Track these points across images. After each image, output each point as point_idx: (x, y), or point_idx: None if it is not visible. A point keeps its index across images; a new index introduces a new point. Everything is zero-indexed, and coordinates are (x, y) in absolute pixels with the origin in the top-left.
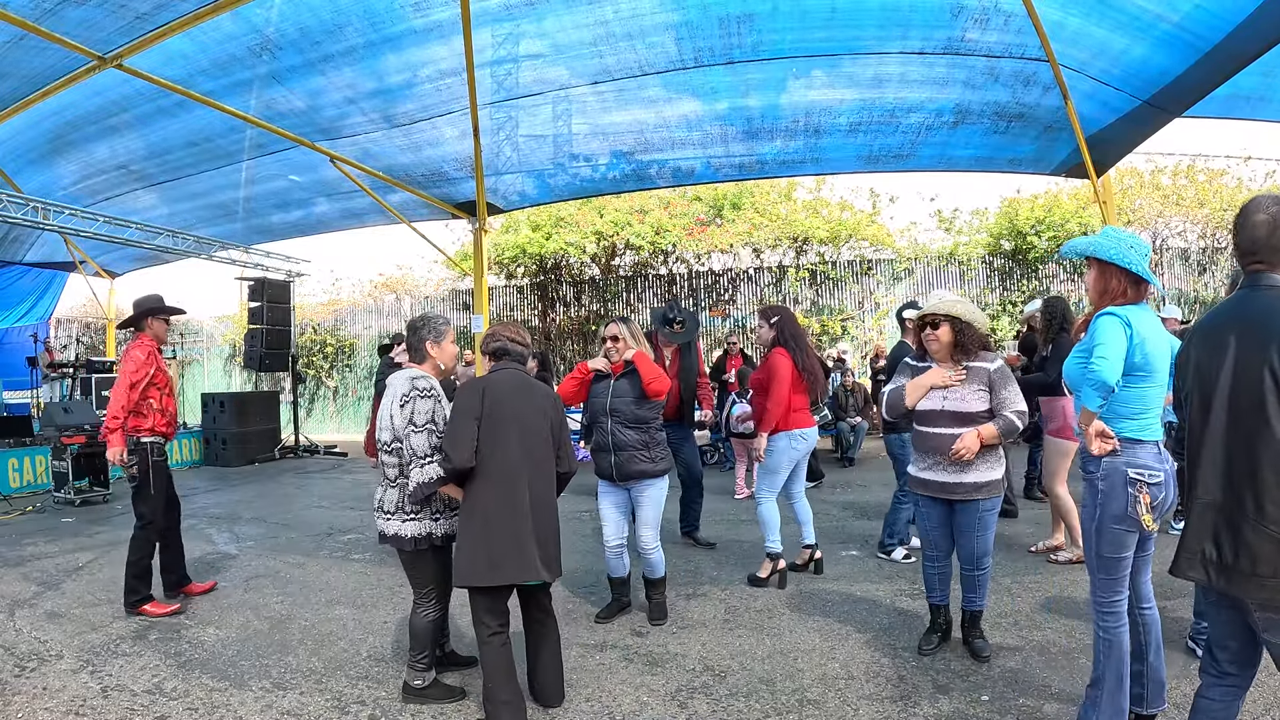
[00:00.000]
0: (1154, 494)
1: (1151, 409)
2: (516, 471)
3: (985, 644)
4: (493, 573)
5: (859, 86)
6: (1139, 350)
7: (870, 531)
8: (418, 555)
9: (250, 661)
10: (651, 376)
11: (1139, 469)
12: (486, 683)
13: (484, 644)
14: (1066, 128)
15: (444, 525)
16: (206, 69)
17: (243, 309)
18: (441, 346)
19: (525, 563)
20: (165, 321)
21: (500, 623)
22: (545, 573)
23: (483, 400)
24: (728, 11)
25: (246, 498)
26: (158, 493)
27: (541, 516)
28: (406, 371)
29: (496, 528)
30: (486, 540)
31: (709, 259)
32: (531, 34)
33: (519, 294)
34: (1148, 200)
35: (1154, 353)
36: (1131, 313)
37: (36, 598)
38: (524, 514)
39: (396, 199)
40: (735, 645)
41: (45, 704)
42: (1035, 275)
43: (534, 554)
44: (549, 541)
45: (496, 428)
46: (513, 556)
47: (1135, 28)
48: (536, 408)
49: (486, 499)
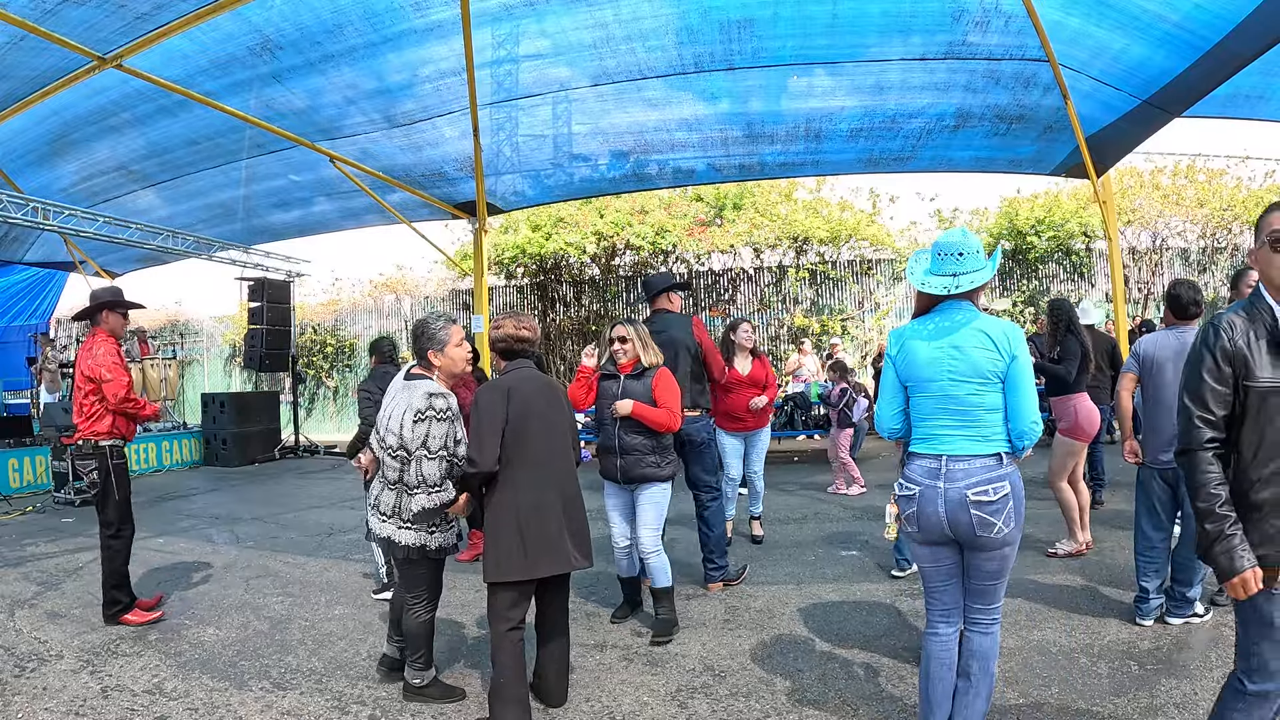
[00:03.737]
0: (902, 506)
1: (926, 420)
2: (545, 468)
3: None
4: (530, 567)
5: (860, 94)
6: (901, 368)
7: (870, 532)
8: (411, 560)
9: (250, 661)
10: (657, 423)
11: (901, 479)
12: (497, 678)
13: (501, 638)
14: (1066, 128)
15: (439, 539)
16: (206, 69)
17: (243, 309)
18: (445, 353)
19: (561, 555)
20: (123, 316)
21: (520, 618)
22: (582, 560)
23: (508, 403)
24: (728, 17)
25: (246, 498)
26: (123, 498)
27: (572, 510)
28: (426, 385)
29: (532, 524)
30: (521, 536)
31: (709, 259)
32: (532, 34)
33: (519, 294)
34: (1148, 200)
35: (911, 365)
36: (894, 335)
37: (36, 598)
38: (556, 509)
39: (396, 199)
40: (735, 645)
41: (45, 704)
42: (1035, 275)
43: (568, 545)
44: (580, 533)
45: (524, 428)
46: (548, 550)
47: (1135, 28)
48: (558, 404)
49: (518, 497)
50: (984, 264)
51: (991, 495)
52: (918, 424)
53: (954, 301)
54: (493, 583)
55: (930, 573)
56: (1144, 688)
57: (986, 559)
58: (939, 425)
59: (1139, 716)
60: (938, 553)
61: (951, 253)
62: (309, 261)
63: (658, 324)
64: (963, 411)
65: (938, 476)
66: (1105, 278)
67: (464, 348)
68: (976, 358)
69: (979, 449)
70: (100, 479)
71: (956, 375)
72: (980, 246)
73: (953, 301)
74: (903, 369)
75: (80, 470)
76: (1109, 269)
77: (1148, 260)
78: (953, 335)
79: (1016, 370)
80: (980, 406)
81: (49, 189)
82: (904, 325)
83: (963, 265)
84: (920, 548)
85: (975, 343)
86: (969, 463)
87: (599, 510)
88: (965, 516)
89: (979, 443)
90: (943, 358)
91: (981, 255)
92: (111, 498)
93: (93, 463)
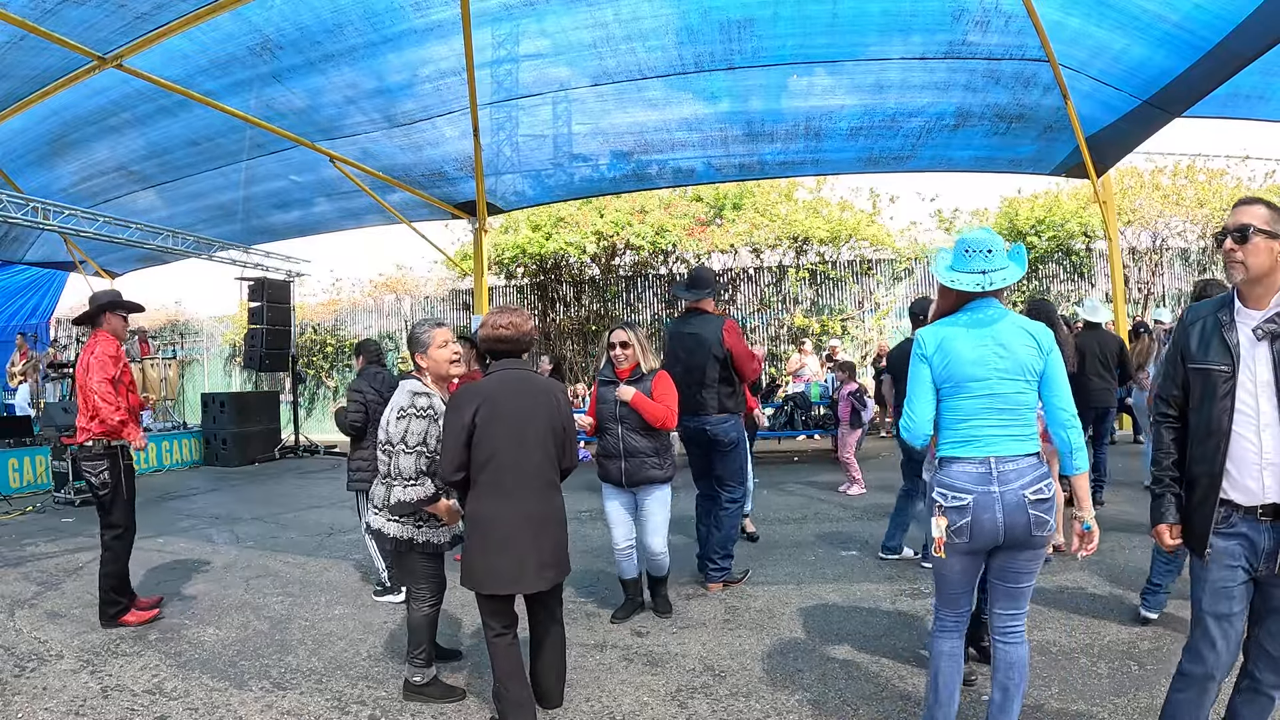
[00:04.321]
0: (951, 518)
1: (968, 420)
2: (513, 480)
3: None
4: (491, 581)
5: (860, 92)
6: (940, 368)
7: (870, 532)
8: (400, 553)
9: (250, 661)
10: (654, 417)
11: (943, 489)
12: (496, 683)
13: (490, 644)
14: (1066, 128)
15: (426, 533)
16: (206, 69)
17: (243, 309)
18: (429, 355)
19: (520, 573)
20: (123, 318)
21: (504, 624)
22: (541, 581)
23: (475, 412)
24: (728, 17)
25: (246, 498)
26: (130, 499)
27: (542, 523)
28: (411, 385)
29: (493, 538)
30: (485, 549)
31: (709, 259)
32: (532, 34)
33: (519, 294)
34: (1148, 200)
35: (953, 364)
36: (928, 334)
37: (36, 598)
38: (520, 524)
39: (396, 199)
40: (735, 645)
41: (45, 704)
42: (1035, 275)
43: (531, 564)
44: (549, 548)
45: (492, 436)
46: (508, 567)
47: (1135, 28)
48: (537, 407)
49: (483, 508)
50: (1009, 262)
51: (1046, 493)
52: (955, 425)
53: (984, 299)
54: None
55: (958, 581)
56: (1144, 688)
57: (1029, 559)
58: (983, 426)
59: (1139, 716)
60: (976, 562)
61: (980, 249)
62: (309, 261)
63: (694, 323)
64: (1011, 410)
65: (990, 481)
66: (1105, 278)
67: (448, 349)
68: (1023, 355)
69: (1024, 448)
70: (111, 479)
71: (1005, 374)
72: (1004, 244)
73: (983, 299)
74: (942, 369)
75: (89, 471)
76: (1109, 269)
77: (1148, 260)
78: (996, 333)
79: (1053, 368)
80: (1025, 405)
81: (49, 189)
82: (933, 325)
83: (992, 262)
84: (959, 559)
85: (1020, 340)
86: (1017, 463)
87: (597, 511)
88: (1023, 518)
89: (1024, 442)
90: (989, 356)
91: (1005, 253)
92: (120, 499)
93: (104, 463)
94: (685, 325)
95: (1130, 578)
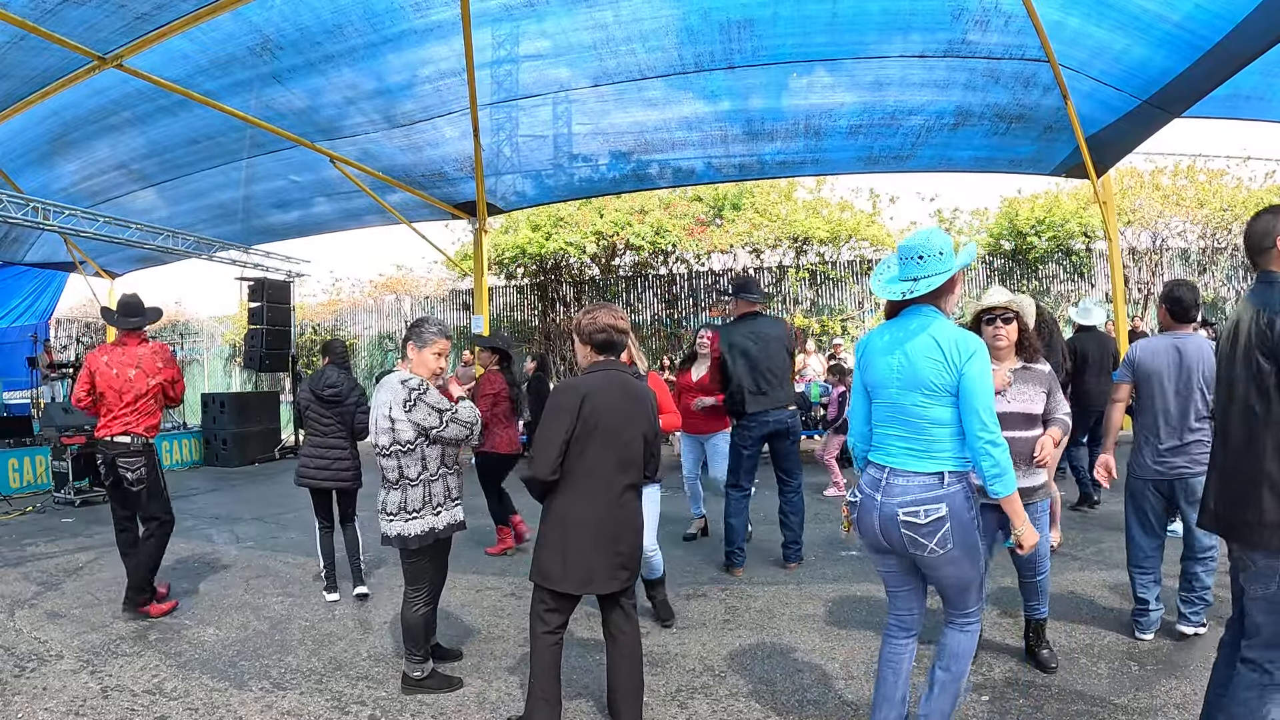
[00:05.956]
0: (851, 512)
1: (879, 427)
2: (604, 483)
3: (1052, 654)
4: (564, 581)
5: (860, 90)
6: (861, 373)
7: None
8: (419, 554)
9: (250, 661)
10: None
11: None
12: (531, 676)
13: (536, 639)
14: (1066, 128)
15: (446, 518)
16: (206, 69)
17: (243, 309)
18: (421, 353)
19: (593, 575)
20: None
21: (558, 625)
22: (613, 582)
23: (580, 408)
24: (729, 17)
25: (246, 498)
26: (165, 487)
27: (624, 528)
28: (394, 378)
29: (575, 540)
30: (564, 548)
31: (709, 259)
32: (532, 35)
33: (519, 294)
34: (1148, 200)
35: (868, 370)
36: (862, 340)
37: (36, 598)
38: (604, 527)
39: (396, 199)
40: (735, 645)
41: (45, 704)
42: (1035, 275)
43: (605, 566)
44: (626, 550)
45: (591, 437)
46: (582, 568)
47: (1135, 28)
48: (638, 414)
49: (571, 510)
50: (947, 265)
51: (921, 519)
52: (875, 429)
53: (916, 306)
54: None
55: (883, 576)
56: (1144, 688)
57: (933, 573)
58: (888, 435)
59: (1139, 716)
60: (885, 560)
61: (910, 256)
62: (309, 261)
63: (761, 323)
64: (908, 423)
65: (878, 488)
66: (1105, 278)
67: (439, 360)
68: (922, 366)
69: (920, 465)
70: (148, 475)
71: (903, 385)
72: (947, 246)
73: (915, 306)
74: (861, 373)
75: (126, 467)
76: (1109, 269)
77: (1148, 260)
78: (906, 342)
79: (967, 384)
80: (925, 419)
81: (49, 189)
82: (870, 331)
83: (922, 269)
84: (878, 557)
85: (924, 351)
86: (908, 479)
87: None
88: (896, 534)
89: (921, 459)
90: (894, 364)
91: (948, 256)
92: (157, 489)
93: (141, 459)
94: (754, 325)
95: None
